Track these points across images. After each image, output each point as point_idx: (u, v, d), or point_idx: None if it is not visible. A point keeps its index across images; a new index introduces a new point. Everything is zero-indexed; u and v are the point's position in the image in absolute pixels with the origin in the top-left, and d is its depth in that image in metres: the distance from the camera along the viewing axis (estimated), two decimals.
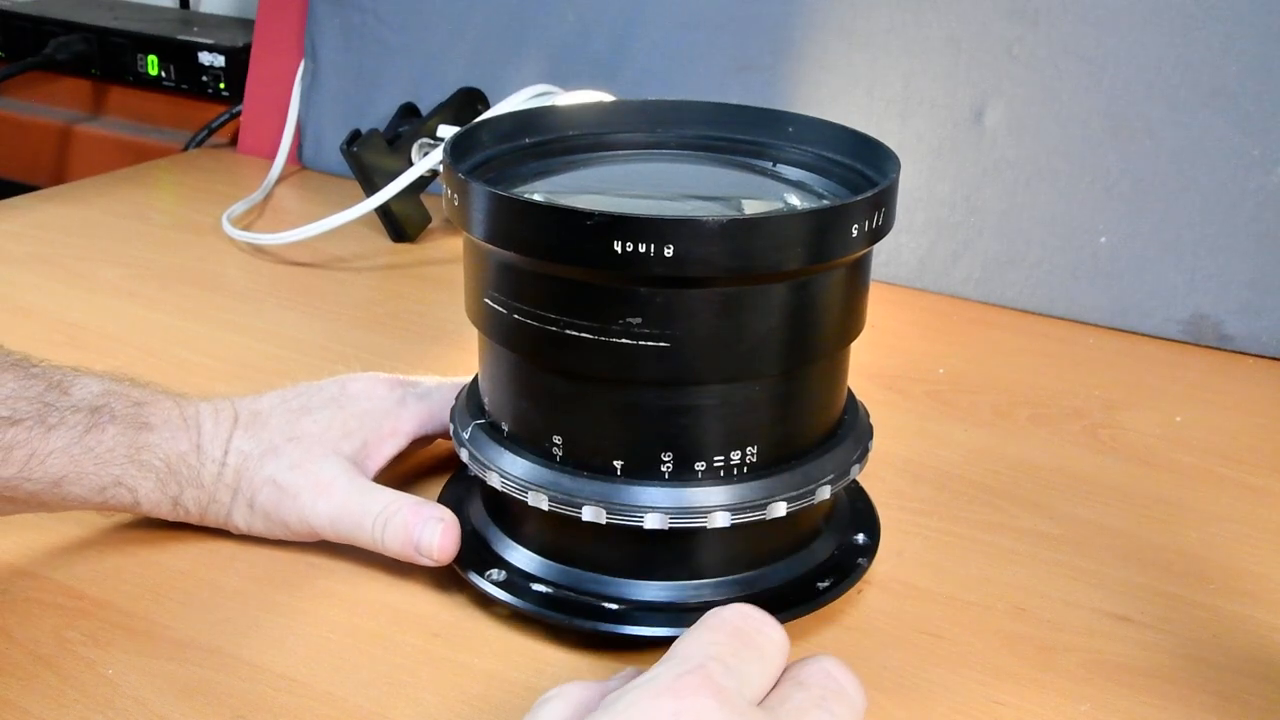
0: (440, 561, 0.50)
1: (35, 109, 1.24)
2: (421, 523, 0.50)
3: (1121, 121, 0.78)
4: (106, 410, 0.49)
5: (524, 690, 0.46)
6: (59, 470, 0.48)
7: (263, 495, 0.51)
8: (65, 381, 0.50)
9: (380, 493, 0.51)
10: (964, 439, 0.65)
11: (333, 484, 0.51)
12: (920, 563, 0.54)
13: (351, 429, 0.53)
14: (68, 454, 0.48)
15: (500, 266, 0.45)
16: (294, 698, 0.45)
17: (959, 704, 0.45)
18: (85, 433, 0.48)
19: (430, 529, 0.50)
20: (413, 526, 0.50)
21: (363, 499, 0.51)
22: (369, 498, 0.51)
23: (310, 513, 0.51)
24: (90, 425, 0.49)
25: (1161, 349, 0.77)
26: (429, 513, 0.50)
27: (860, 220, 0.44)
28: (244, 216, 0.95)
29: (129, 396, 0.51)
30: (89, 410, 0.49)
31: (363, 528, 0.51)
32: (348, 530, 0.51)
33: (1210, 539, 0.56)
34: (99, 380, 0.51)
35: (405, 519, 0.50)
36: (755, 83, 0.89)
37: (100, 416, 0.49)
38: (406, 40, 1.02)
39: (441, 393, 0.57)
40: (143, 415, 0.50)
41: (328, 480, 0.51)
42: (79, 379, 0.50)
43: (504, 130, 0.53)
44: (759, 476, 0.46)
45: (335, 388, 0.55)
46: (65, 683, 0.45)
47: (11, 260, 0.85)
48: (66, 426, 0.48)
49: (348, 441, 0.53)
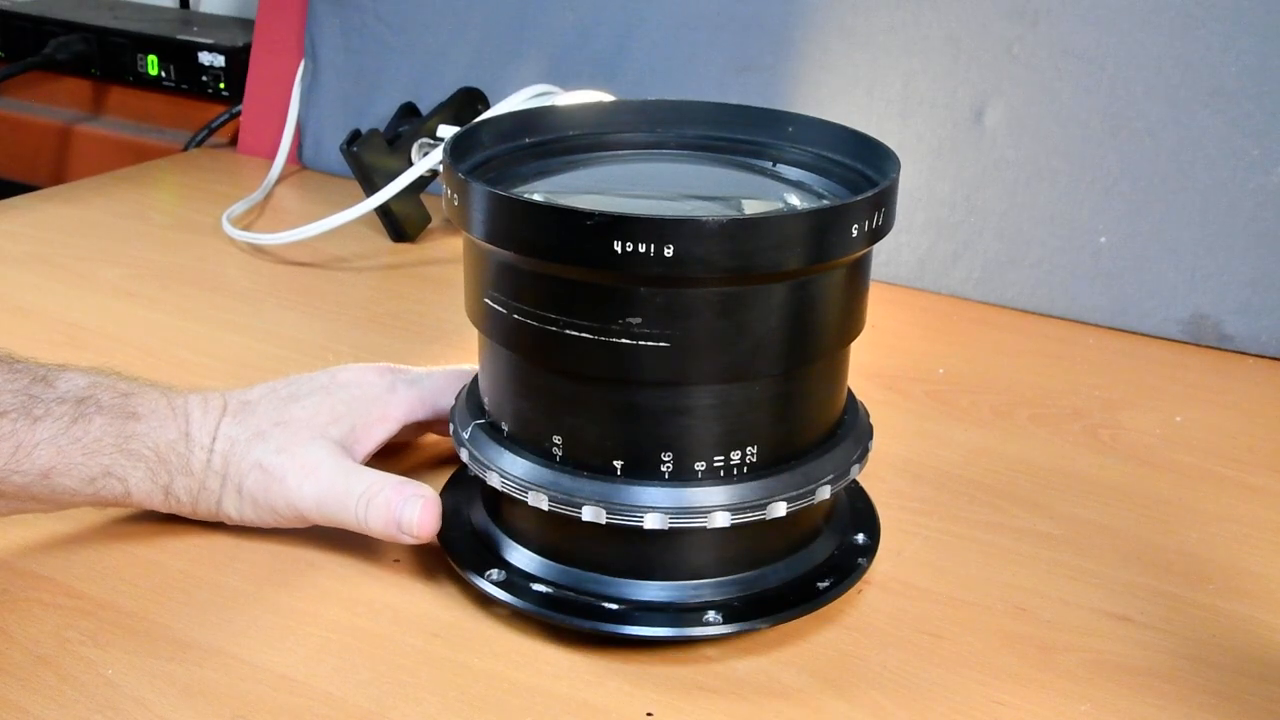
0: (421, 538, 0.50)
1: (35, 109, 1.23)
2: (403, 500, 0.50)
3: (1121, 121, 0.78)
4: (92, 401, 0.50)
5: (524, 690, 0.46)
6: (47, 461, 0.48)
7: (250, 480, 0.51)
8: (50, 376, 0.50)
9: (364, 474, 0.51)
10: (964, 439, 0.65)
11: (319, 466, 0.51)
12: (920, 563, 0.54)
13: (340, 414, 0.53)
14: (55, 444, 0.48)
15: (500, 266, 0.45)
16: (294, 698, 0.45)
17: (959, 704, 0.45)
18: (72, 423, 0.49)
19: (411, 505, 0.50)
20: (394, 504, 0.50)
21: (347, 480, 0.51)
22: (353, 478, 0.51)
23: (296, 495, 0.51)
24: (77, 416, 0.49)
25: (1161, 349, 0.77)
26: (410, 490, 0.50)
27: (860, 220, 0.44)
28: (244, 216, 0.95)
29: (115, 388, 0.51)
30: (75, 401, 0.49)
31: (346, 508, 0.50)
32: (332, 511, 0.51)
33: (1210, 539, 0.56)
34: (84, 374, 0.51)
35: (388, 497, 0.50)
36: (755, 83, 0.89)
37: (86, 407, 0.49)
38: (406, 40, 1.02)
39: (432, 380, 0.57)
40: (130, 405, 0.50)
41: (314, 463, 0.51)
42: (64, 373, 0.50)
43: (504, 130, 0.53)
44: (759, 476, 0.46)
45: (325, 377, 0.55)
46: (65, 683, 0.45)
47: (11, 260, 0.85)
48: (53, 418, 0.48)
49: (336, 426, 0.53)
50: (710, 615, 0.47)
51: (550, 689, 0.46)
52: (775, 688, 0.46)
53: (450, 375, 0.58)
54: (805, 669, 0.47)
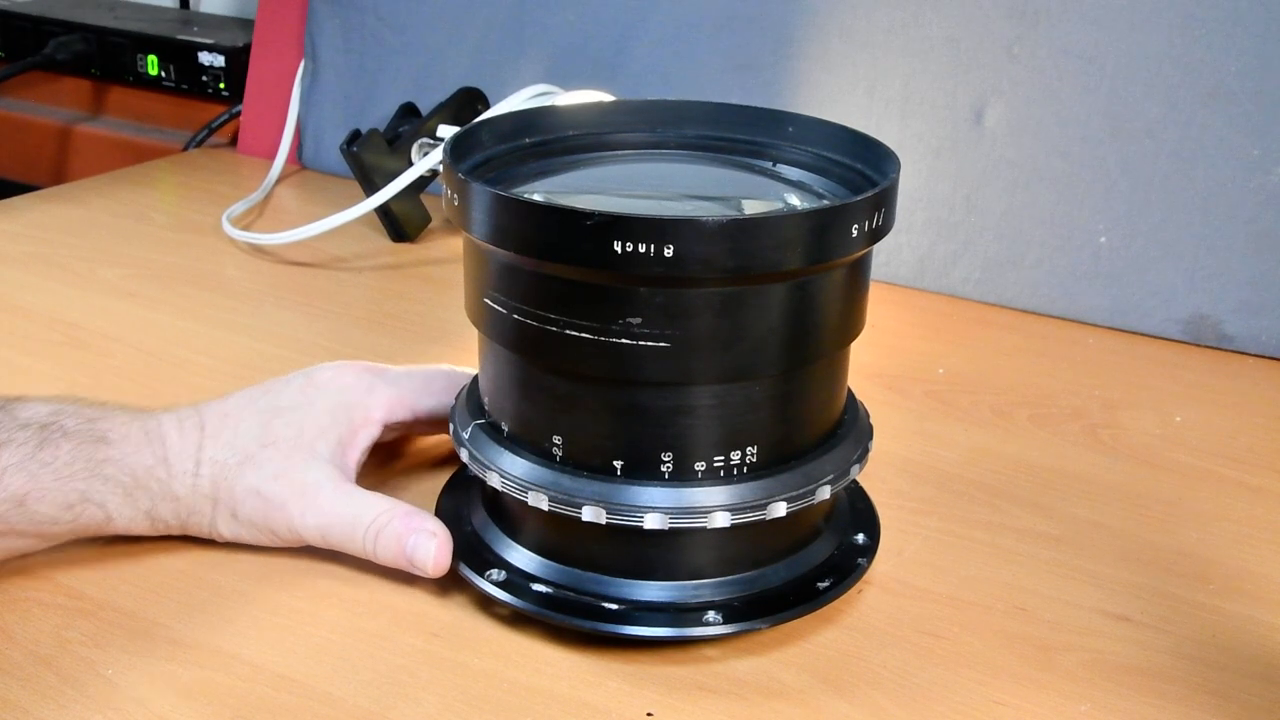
0: (434, 575, 0.50)
1: (35, 109, 1.24)
2: (413, 535, 0.50)
3: (1121, 121, 0.78)
4: (57, 427, 0.49)
5: (524, 690, 0.46)
6: (19, 487, 0.47)
7: (247, 507, 0.51)
8: (10, 405, 0.49)
9: (370, 500, 0.51)
10: (964, 439, 0.65)
11: (319, 492, 0.51)
12: (920, 563, 0.54)
13: (324, 426, 0.53)
14: (24, 469, 0.47)
15: (500, 266, 0.46)
16: (294, 698, 0.45)
17: (959, 704, 0.45)
18: (38, 448, 0.48)
19: (424, 544, 0.49)
20: (405, 538, 0.50)
21: (353, 508, 0.51)
22: (359, 506, 0.51)
23: (299, 523, 0.51)
24: (42, 441, 0.48)
25: (1161, 349, 0.77)
26: (419, 524, 0.50)
27: (860, 220, 0.44)
28: (244, 216, 0.95)
29: (81, 413, 0.50)
30: (39, 427, 0.48)
31: (353, 539, 0.50)
32: (338, 540, 0.51)
33: (1210, 539, 0.56)
34: (45, 402, 0.50)
35: (397, 530, 0.50)
36: (755, 83, 0.89)
37: (51, 432, 0.48)
38: (406, 40, 1.02)
39: (411, 380, 0.56)
40: (97, 430, 0.50)
41: (313, 489, 0.51)
42: (25, 402, 0.49)
43: (504, 130, 0.53)
44: (759, 476, 0.46)
45: (302, 379, 0.55)
46: (65, 683, 0.45)
47: (11, 260, 0.85)
48: (16, 444, 0.47)
49: (323, 440, 0.52)
50: (710, 615, 0.47)
51: (550, 689, 0.46)
52: (775, 688, 0.46)
53: (429, 375, 0.57)
54: (805, 669, 0.47)
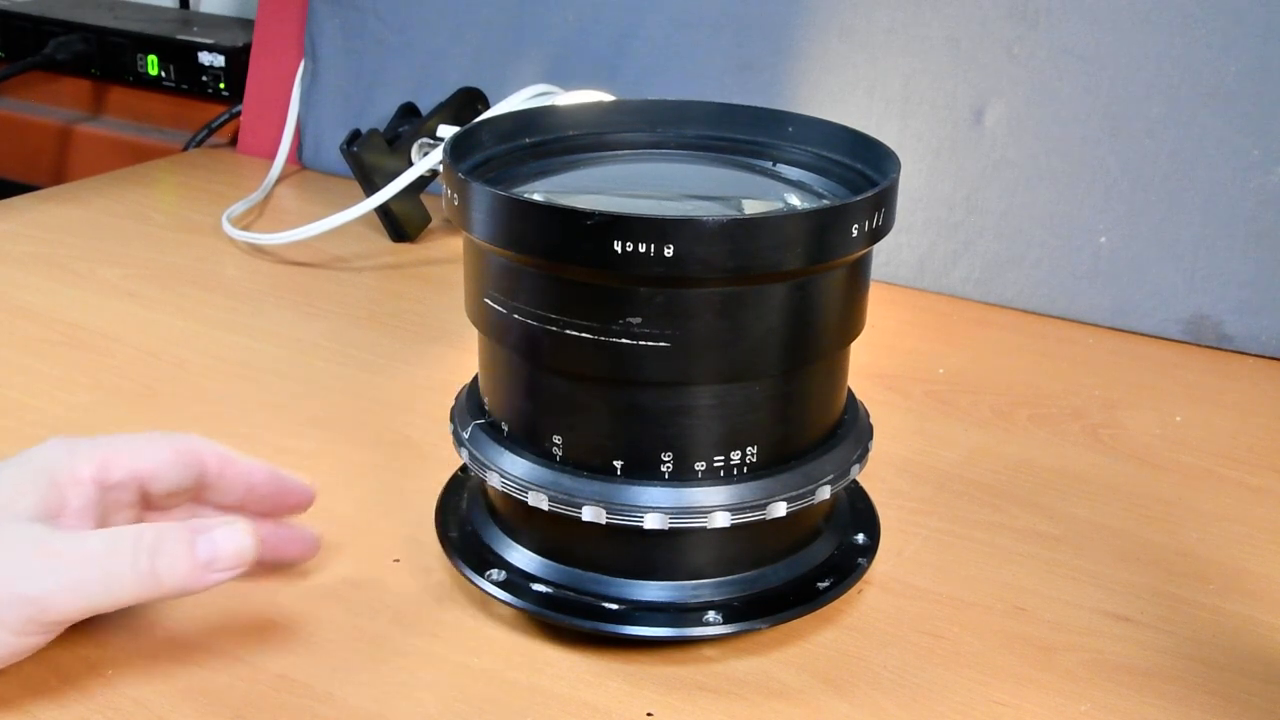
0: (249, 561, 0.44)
1: (35, 109, 1.23)
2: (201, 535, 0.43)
3: (1121, 121, 0.78)
4: None
5: (524, 690, 0.46)
6: None
7: None
8: None
9: (111, 530, 0.43)
10: (964, 439, 0.65)
11: (42, 544, 0.42)
12: (920, 563, 0.54)
13: (22, 488, 0.44)
14: None
15: (500, 266, 0.46)
16: (294, 698, 0.45)
17: (959, 704, 0.45)
18: None
19: (221, 535, 0.43)
20: (193, 541, 0.43)
21: (97, 541, 0.42)
22: (107, 537, 0.43)
23: (35, 591, 0.41)
24: None
25: (1161, 349, 0.77)
26: (201, 524, 0.44)
27: (860, 220, 0.44)
28: (244, 216, 0.95)
29: None
30: None
31: (119, 573, 0.42)
32: (98, 587, 0.42)
33: (1210, 539, 0.56)
34: None
35: (177, 536, 0.43)
36: (755, 83, 0.89)
37: None
38: (406, 40, 1.02)
39: (126, 440, 0.48)
40: None
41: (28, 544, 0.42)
42: None
43: (504, 130, 0.53)
44: (759, 476, 0.46)
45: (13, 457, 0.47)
46: (65, 683, 0.45)
47: (11, 260, 0.85)
48: None
49: (23, 501, 0.44)
50: (710, 615, 0.47)
51: (550, 689, 0.46)
52: (775, 688, 0.46)
53: (147, 436, 0.49)
54: (805, 669, 0.47)
